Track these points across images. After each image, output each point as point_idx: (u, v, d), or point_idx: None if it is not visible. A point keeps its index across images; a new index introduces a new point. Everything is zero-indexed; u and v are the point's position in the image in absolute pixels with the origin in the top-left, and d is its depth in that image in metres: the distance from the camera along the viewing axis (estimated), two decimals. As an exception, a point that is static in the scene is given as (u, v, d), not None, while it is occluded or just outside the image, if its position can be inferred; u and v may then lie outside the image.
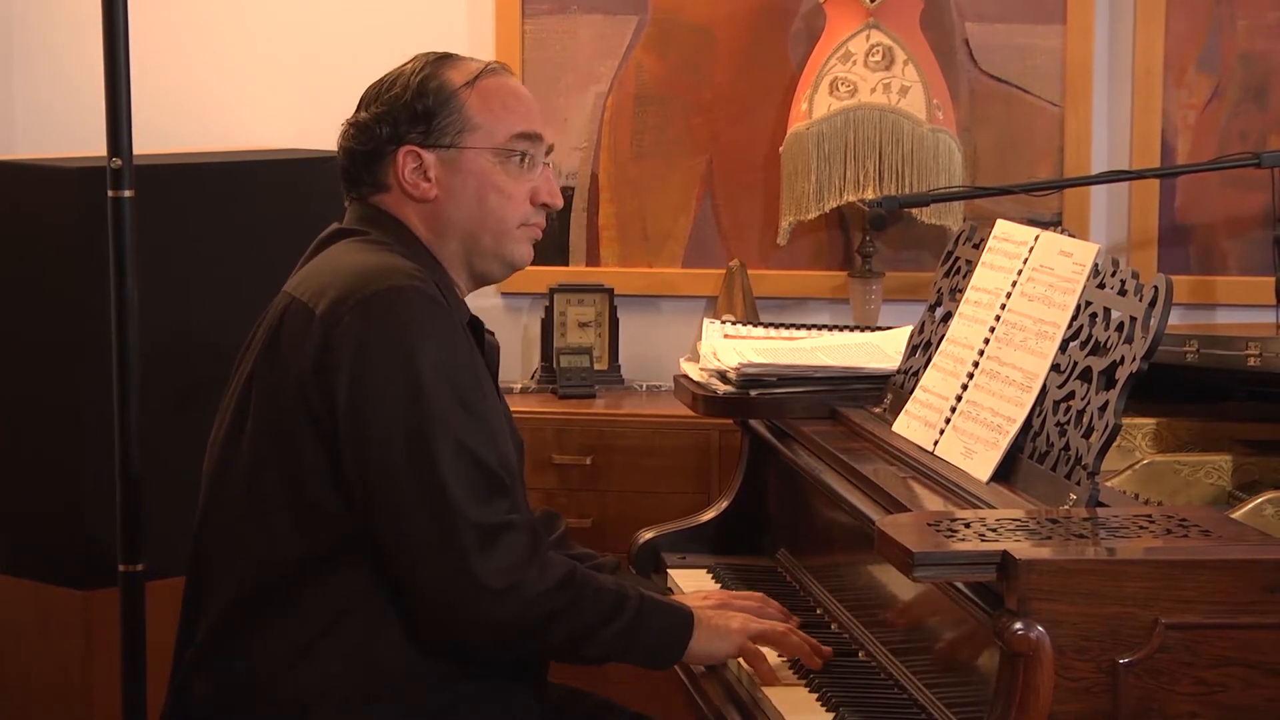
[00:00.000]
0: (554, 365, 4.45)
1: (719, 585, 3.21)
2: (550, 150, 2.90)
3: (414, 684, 2.68)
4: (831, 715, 2.61)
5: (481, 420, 2.69)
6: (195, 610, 2.80)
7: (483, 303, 4.47)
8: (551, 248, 4.56)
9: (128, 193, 3.36)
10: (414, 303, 2.67)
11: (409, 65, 2.87)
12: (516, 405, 4.12)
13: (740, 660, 2.80)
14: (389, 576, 2.66)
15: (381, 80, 2.88)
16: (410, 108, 2.81)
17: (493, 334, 2.91)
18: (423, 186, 2.81)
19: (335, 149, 2.79)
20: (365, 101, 2.88)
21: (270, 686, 2.69)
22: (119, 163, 3.34)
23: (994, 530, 2.31)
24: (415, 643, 2.68)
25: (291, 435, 2.68)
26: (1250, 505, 2.71)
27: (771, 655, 2.81)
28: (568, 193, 4.56)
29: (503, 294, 4.57)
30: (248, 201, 4.09)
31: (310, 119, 4.58)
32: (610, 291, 4.50)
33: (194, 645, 2.78)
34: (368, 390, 2.63)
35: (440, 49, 2.93)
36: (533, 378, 4.50)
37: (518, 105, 2.85)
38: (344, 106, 4.62)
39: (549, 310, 4.48)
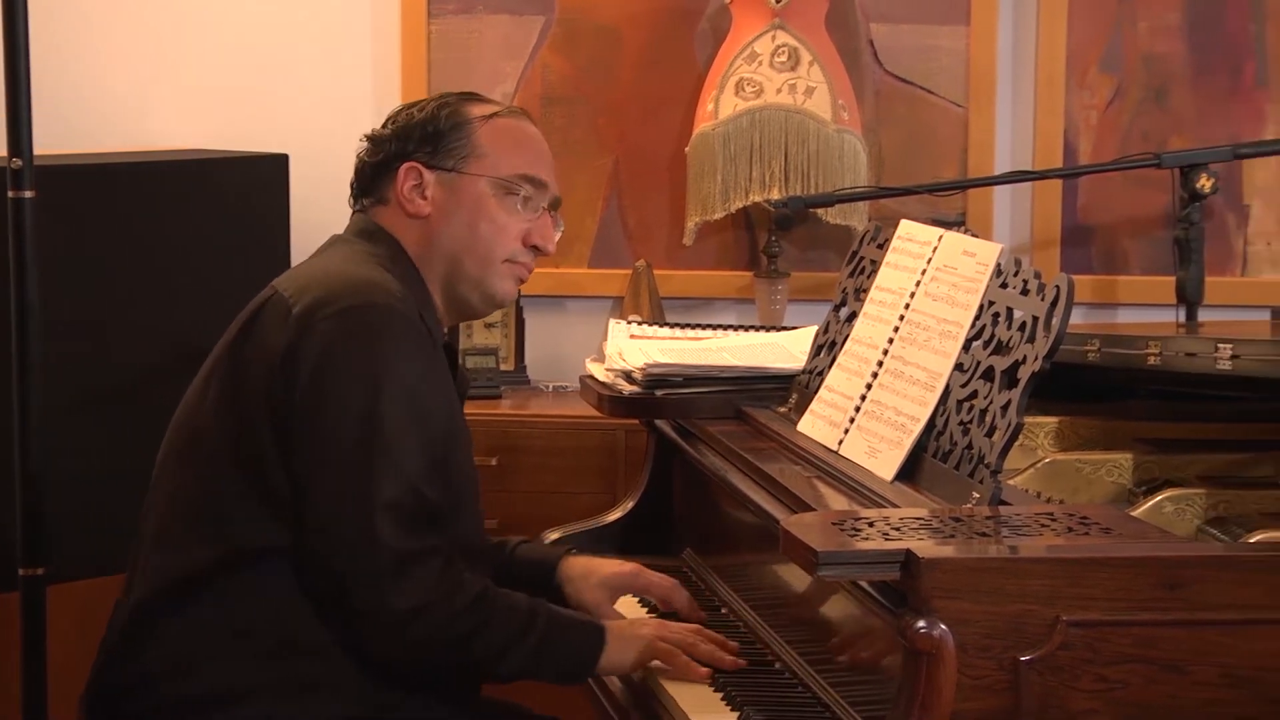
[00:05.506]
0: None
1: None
2: (557, 205, 2.94)
3: (335, 684, 2.69)
4: (736, 715, 2.62)
5: (434, 447, 2.71)
6: (125, 596, 2.80)
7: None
8: (457, 248, 4.55)
9: (28, 193, 3.33)
10: (391, 322, 2.70)
11: (435, 95, 2.96)
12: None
13: (655, 661, 2.81)
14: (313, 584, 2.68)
15: (410, 102, 2.96)
16: (423, 126, 2.87)
17: (464, 366, 2.92)
18: (418, 203, 2.85)
19: (241, 149, 2.78)
20: (388, 118, 2.94)
21: (183, 680, 2.69)
22: (19, 163, 3.32)
23: (898, 529, 2.32)
24: (336, 644, 2.68)
25: (251, 424, 2.69)
26: (1150, 503, 2.73)
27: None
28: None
29: (409, 294, 4.55)
30: (153, 202, 4.05)
31: (214, 119, 4.55)
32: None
33: (115, 632, 2.77)
34: (327, 397, 2.66)
35: (345, 49, 2.94)
36: (439, 378, 4.49)
37: (529, 148, 2.91)
38: (248, 106, 4.59)
39: (455, 311, 4.47)
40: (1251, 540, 2.51)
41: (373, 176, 2.90)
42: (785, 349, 3.45)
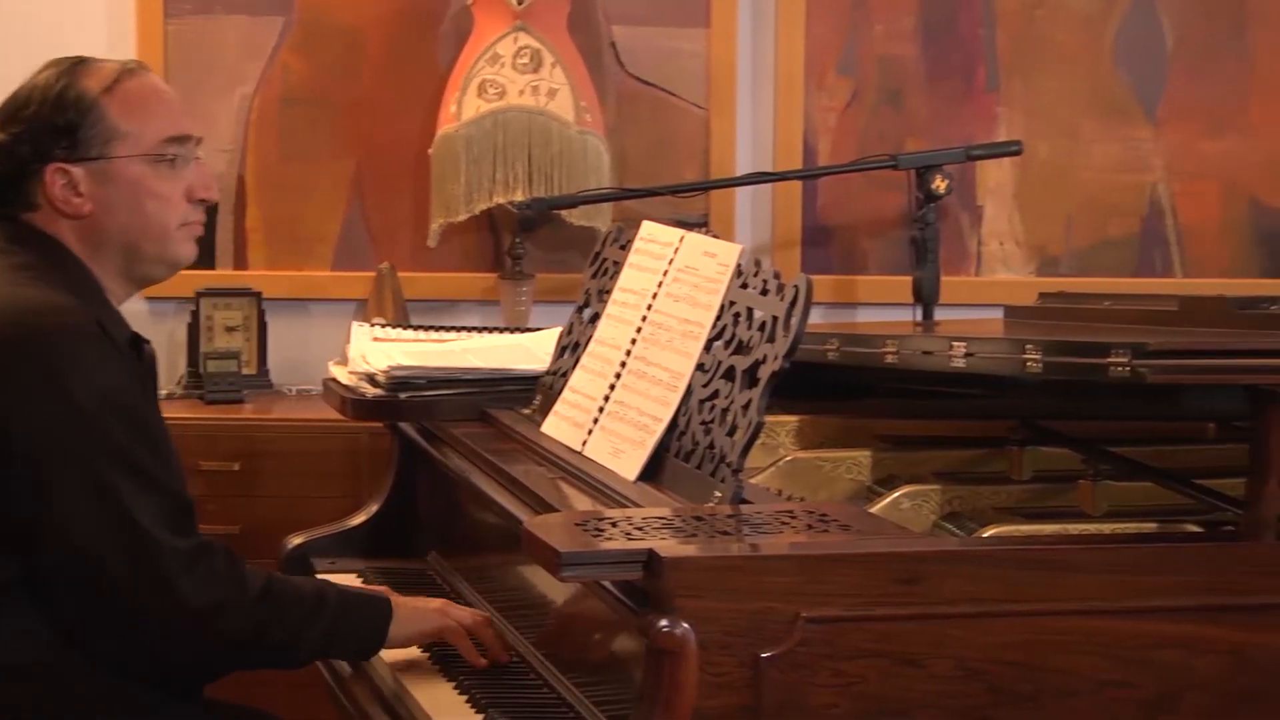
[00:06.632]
0: (201, 370, 4.38)
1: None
2: (199, 142, 2.85)
3: (50, 708, 2.63)
4: (480, 716, 2.62)
5: (157, 447, 2.66)
6: None
7: (125, 309, 4.38)
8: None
9: None
10: (74, 343, 2.61)
11: (42, 77, 2.77)
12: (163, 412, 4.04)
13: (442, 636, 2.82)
14: (68, 606, 2.62)
15: (15, 96, 2.78)
16: (51, 123, 2.73)
17: (149, 343, 2.86)
18: (75, 202, 2.74)
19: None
20: (1, 122, 2.77)
21: None
22: None
23: (640, 529, 2.33)
24: (52, 667, 2.63)
25: None
26: (887, 500, 2.78)
27: (414, 653, 2.84)
28: (214, 195, 4.50)
29: (147, 299, 4.47)
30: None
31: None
32: (258, 295, 4.44)
33: None
34: (36, 440, 2.58)
35: (79, 48, 2.87)
36: (179, 384, 4.43)
37: (161, 108, 2.79)
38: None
39: (195, 315, 4.42)
40: (985, 535, 2.58)
41: (11, 185, 2.75)
42: (530, 350, 3.45)
